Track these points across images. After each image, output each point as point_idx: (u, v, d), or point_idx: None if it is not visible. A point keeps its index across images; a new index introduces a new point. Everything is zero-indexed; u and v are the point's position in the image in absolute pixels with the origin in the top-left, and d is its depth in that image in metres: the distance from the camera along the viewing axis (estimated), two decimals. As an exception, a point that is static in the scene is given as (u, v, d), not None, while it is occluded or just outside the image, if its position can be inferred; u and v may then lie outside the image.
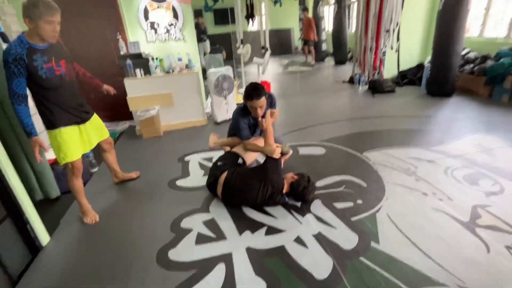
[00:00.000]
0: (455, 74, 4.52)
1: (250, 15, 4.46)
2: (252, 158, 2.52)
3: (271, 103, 2.46)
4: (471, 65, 4.68)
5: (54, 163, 2.92)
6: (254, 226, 2.02)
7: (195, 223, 2.10)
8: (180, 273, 1.67)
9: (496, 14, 4.88)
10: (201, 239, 1.93)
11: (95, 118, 2.24)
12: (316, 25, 8.57)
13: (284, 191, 2.19)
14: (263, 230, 1.97)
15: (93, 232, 2.13)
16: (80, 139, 2.09)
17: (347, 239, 1.84)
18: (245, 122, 2.39)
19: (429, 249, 1.71)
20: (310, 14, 8.92)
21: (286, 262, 1.69)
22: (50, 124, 1.93)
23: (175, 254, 1.82)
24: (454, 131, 3.35)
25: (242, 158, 2.43)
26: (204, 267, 1.70)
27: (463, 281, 1.50)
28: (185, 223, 2.11)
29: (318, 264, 1.66)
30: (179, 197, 2.46)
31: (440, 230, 1.86)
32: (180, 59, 3.95)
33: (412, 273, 1.57)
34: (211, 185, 2.32)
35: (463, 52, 4.92)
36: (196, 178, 2.74)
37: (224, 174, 2.23)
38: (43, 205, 2.44)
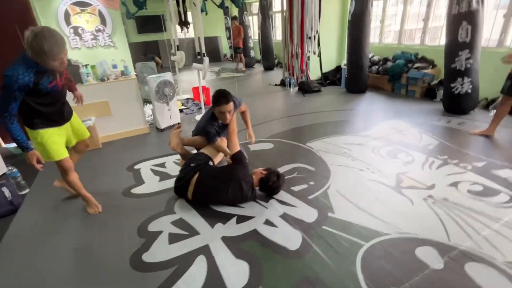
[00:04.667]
0: (366, 74, 5.40)
1: (184, 22, 4.47)
2: (219, 158, 2.66)
3: (235, 105, 2.60)
4: (376, 66, 5.65)
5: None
6: (224, 217, 2.11)
7: (163, 225, 2.08)
8: (161, 272, 1.66)
9: (389, 26, 6.02)
10: (174, 238, 1.93)
11: (75, 118, 2.30)
12: (244, 33, 9.03)
13: (254, 186, 2.31)
14: (234, 219, 2.08)
15: (41, 251, 1.90)
16: (59, 139, 2.10)
17: (308, 214, 2.09)
18: (213, 128, 2.50)
19: (372, 210, 2.09)
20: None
21: (261, 242, 1.85)
22: (30, 124, 1.95)
23: (150, 257, 1.78)
24: (373, 119, 4.03)
25: (211, 159, 2.51)
26: (184, 261, 1.72)
27: (400, 228, 1.89)
28: (152, 227, 2.07)
29: (289, 238, 1.86)
30: (138, 204, 2.38)
31: (377, 194, 2.28)
32: (115, 66, 3.75)
33: (364, 230, 1.90)
34: (182, 186, 2.31)
35: (370, 56, 5.91)
36: (152, 184, 2.67)
37: (197, 174, 2.26)
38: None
